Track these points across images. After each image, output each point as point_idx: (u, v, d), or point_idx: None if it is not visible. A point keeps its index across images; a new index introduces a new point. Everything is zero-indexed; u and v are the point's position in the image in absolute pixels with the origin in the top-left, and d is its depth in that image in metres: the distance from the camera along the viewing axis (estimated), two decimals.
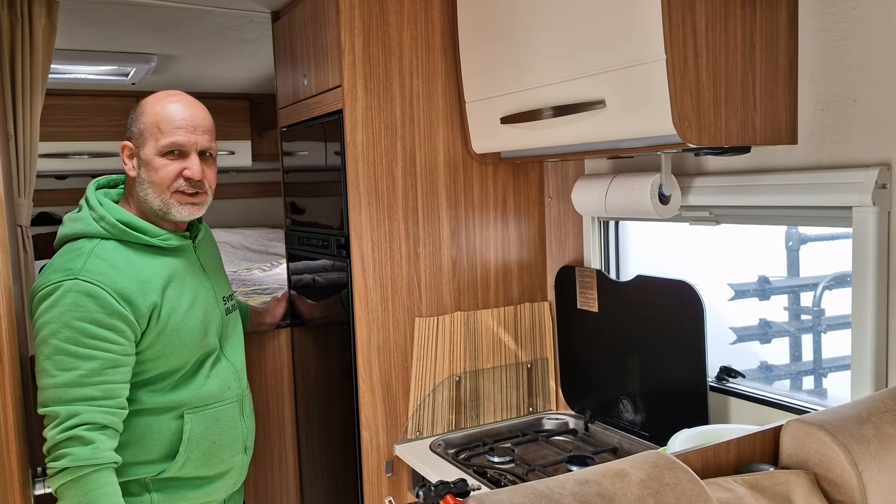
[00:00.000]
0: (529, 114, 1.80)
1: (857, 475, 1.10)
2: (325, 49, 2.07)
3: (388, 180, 2.07)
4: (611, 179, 1.93)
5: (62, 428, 1.51)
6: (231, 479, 1.79)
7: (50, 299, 1.54)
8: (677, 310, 1.85)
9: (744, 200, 1.71)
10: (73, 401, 1.52)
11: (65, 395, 1.52)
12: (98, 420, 1.53)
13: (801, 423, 1.18)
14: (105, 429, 1.55)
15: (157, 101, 1.69)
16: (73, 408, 1.52)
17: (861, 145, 1.49)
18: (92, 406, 1.53)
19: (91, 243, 1.62)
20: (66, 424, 1.51)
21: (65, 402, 1.52)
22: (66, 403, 1.52)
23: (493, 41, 1.92)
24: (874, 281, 1.46)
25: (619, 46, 1.52)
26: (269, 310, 2.49)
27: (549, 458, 2.01)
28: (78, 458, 1.51)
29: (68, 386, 1.52)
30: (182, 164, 1.67)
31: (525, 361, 2.31)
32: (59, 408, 1.52)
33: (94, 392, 1.54)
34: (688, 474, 0.99)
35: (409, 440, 2.13)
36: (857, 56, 1.48)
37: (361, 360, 2.06)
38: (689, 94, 1.45)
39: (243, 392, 1.83)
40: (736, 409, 1.83)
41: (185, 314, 1.67)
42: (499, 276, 2.27)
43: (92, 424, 1.53)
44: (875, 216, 1.44)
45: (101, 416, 1.54)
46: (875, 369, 1.47)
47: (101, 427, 1.54)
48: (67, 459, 1.50)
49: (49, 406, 1.53)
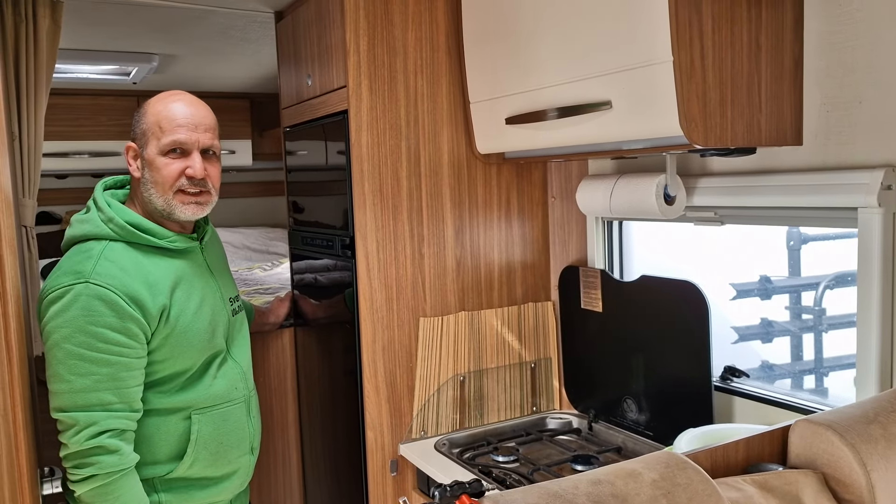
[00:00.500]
0: (534, 114, 1.80)
1: (866, 475, 1.11)
2: (330, 49, 2.08)
3: (392, 180, 2.07)
4: (616, 180, 1.94)
5: (85, 436, 1.52)
6: (238, 480, 1.79)
7: (61, 303, 1.54)
8: (682, 310, 1.85)
9: (749, 201, 1.71)
10: (90, 406, 1.53)
11: (82, 400, 1.52)
12: (118, 426, 1.55)
13: (809, 423, 1.19)
14: (124, 433, 1.56)
15: (160, 101, 1.70)
16: (91, 415, 1.52)
17: (866, 146, 1.49)
18: (110, 412, 1.54)
19: (100, 245, 1.61)
20: (88, 432, 1.52)
21: (82, 408, 1.52)
22: (83, 409, 1.52)
23: (498, 41, 1.93)
24: (879, 282, 1.47)
25: (626, 48, 1.53)
26: (273, 309, 2.49)
27: (553, 457, 2.01)
28: (105, 466, 1.52)
29: (85, 391, 1.53)
30: (184, 163, 1.66)
31: (529, 361, 2.32)
32: (77, 414, 1.52)
33: (111, 397, 1.54)
34: (700, 474, 1.00)
35: (413, 440, 2.13)
36: (862, 58, 1.49)
37: (366, 360, 2.07)
38: (695, 96, 1.45)
39: (250, 392, 1.84)
40: (740, 409, 1.83)
41: (194, 316, 1.68)
42: (503, 276, 2.27)
43: (113, 431, 1.54)
44: (880, 217, 1.45)
45: (118, 421, 1.55)
46: (880, 369, 1.48)
47: (120, 432, 1.55)
48: (95, 468, 1.52)
49: (66, 412, 1.53)
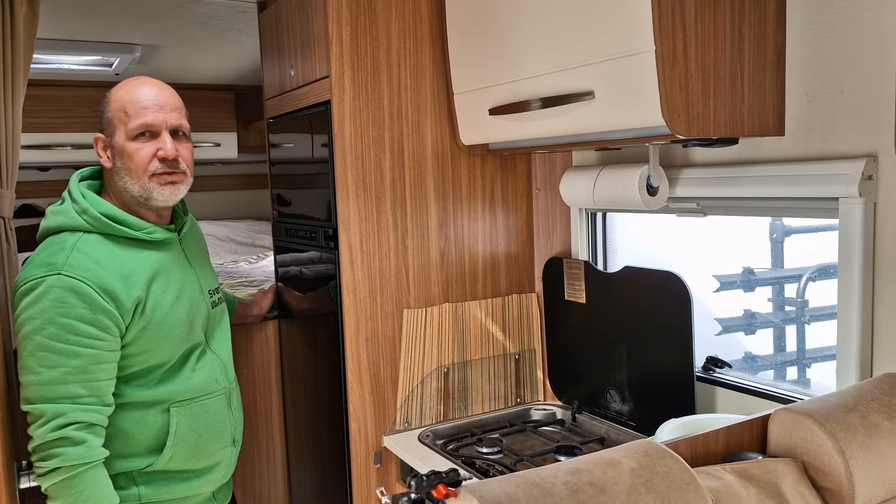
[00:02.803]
0: (518, 105, 1.80)
1: (845, 463, 1.12)
2: (313, 39, 2.06)
3: (375, 171, 2.06)
4: (599, 171, 1.94)
5: (50, 427, 1.49)
6: (220, 472, 1.78)
7: (32, 294, 1.52)
8: (665, 300, 1.86)
9: (731, 192, 1.72)
10: (58, 399, 1.50)
11: (50, 392, 1.50)
12: (85, 419, 1.52)
13: (789, 411, 1.19)
14: (93, 426, 1.54)
15: (122, 87, 1.67)
16: (58, 406, 1.50)
17: (848, 137, 1.50)
18: (78, 404, 1.51)
19: (74, 237, 1.59)
20: (54, 423, 1.49)
21: (50, 400, 1.50)
22: (51, 401, 1.50)
23: (482, 32, 1.92)
24: (860, 271, 1.48)
25: (609, 37, 1.52)
26: (256, 301, 2.47)
27: (536, 448, 2.01)
28: (70, 458, 1.49)
29: (53, 383, 1.50)
30: (155, 145, 1.64)
31: (513, 353, 2.31)
32: (45, 406, 1.50)
33: (80, 390, 1.52)
34: (678, 463, 1.00)
35: (397, 431, 2.13)
36: (844, 48, 1.49)
37: (350, 352, 2.06)
38: (678, 86, 1.45)
39: (230, 385, 1.82)
40: (723, 399, 1.84)
41: (171, 308, 1.66)
42: (487, 268, 2.27)
43: (80, 423, 1.51)
44: (861, 207, 1.46)
45: (87, 414, 1.52)
46: (860, 358, 1.49)
47: (88, 426, 1.53)
48: (59, 459, 1.49)
49: (34, 403, 1.51)
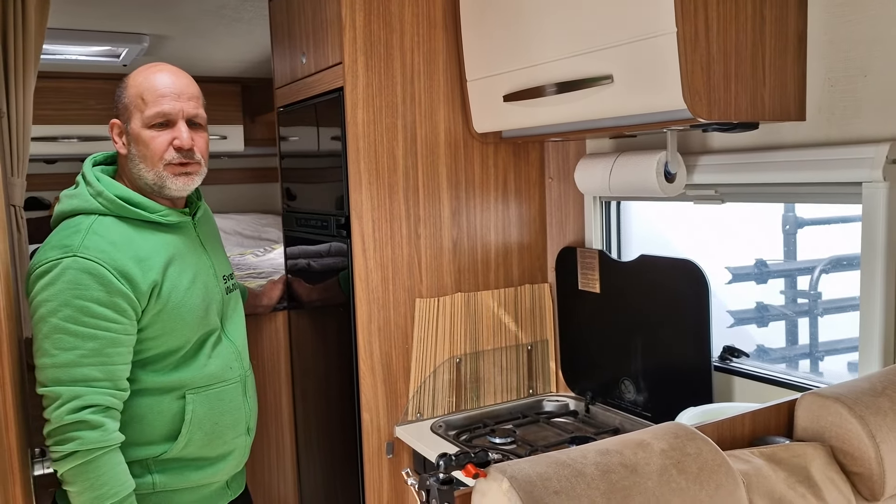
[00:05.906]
0: (533, 91, 1.78)
1: (875, 447, 1.10)
2: (325, 25, 2.04)
3: (388, 159, 2.04)
4: (615, 158, 1.92)
5: (67, 410, 1.47)
6: (234, 461, 1.76)
7: (48, 276, 1.50)
8: (682, 289, 1.84)
9: (750, 178, 1.69)
10: (74, 381, 1.49)
11: (65, 375, 1.49)
12: (101, 402, 1.50)
13: (817, 395, 1.17)
14: (109, 410, 1.52)
15: (140, 73, 1.66)
16: (74, 389, 1.49)
17: (871, 120, 1.48)
18: (94, 387, 1.50)
19: (89, 219, 1.58)
20: (70, 406, 1.48)
21: (65, 383, 1.49)
22: (66, 384, 1.49)
23: (496, 17, 1.90)
24: (884, 257, 1.46)
25: (628, 20, 1.50)
26: (266, 292, 2.46)
27: (550, 439, 2.00)
28: (87, 442, 1.48)
29: (68, 366, 1.49)
30: (171, 134, 1.62)
31: (525, 343, 2.30)
32: (60, 388, 1.48)
33: (95, 373, 1.50)
34: (709, 444, 0.98)
35: (409, 422, 2.11)
36: (866, 31, 1.47)
37: (362, 341, 2.04)
38: (699, 68, 1.43)
39: (245, 372, 1.81)
40: (740, 388, 1.82)
41: (186, 292, 1.64)
42: (499, 258, 2.25)
43: (96, 407, 1.50)
44: (885, 192, 1.43)
45: (103, 398, 1.51)
46: (884, 344, 1.47)
47: (104, 409, 1.51)
48: (76, 443, 1.47)
49: (49, 386, 1.49)
